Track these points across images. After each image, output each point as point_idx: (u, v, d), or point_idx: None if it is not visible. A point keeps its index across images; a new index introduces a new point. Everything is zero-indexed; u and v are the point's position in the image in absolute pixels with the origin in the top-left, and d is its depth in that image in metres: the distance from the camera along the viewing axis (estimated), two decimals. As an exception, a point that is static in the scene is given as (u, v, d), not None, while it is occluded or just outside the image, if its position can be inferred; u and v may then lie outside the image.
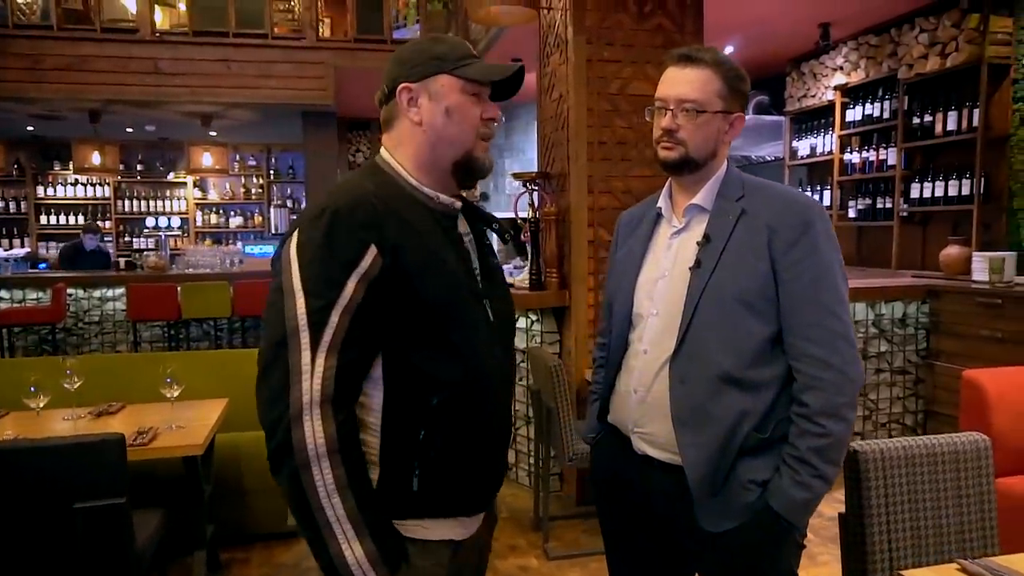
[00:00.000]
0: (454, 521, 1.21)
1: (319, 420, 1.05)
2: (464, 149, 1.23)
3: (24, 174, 9.33)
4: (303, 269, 1.09)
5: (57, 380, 2.58)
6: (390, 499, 1.15)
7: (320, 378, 1.06)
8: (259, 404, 1.11)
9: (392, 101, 1.22)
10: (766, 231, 1.33)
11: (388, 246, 1.11)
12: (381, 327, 1.12)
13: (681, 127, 1.36)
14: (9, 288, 6.59)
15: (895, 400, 4.23)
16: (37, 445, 1.88)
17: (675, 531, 1.40)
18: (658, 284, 1.42)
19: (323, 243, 1.09)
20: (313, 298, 1.08)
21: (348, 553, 1.07)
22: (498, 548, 3.11)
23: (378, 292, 1.10)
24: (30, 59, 5.81)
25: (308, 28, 6.35)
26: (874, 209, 5.24)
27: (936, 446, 1.72)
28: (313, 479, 1.05)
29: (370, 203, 1.13)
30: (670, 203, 1.47)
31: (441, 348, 1.16)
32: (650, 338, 1.40)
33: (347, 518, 1.07)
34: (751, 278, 1.31)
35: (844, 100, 5.46)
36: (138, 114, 7.13)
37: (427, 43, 1.24)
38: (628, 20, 3.45)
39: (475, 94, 1.22)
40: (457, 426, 1.17)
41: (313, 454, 1.05)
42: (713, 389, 1.31)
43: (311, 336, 1.07)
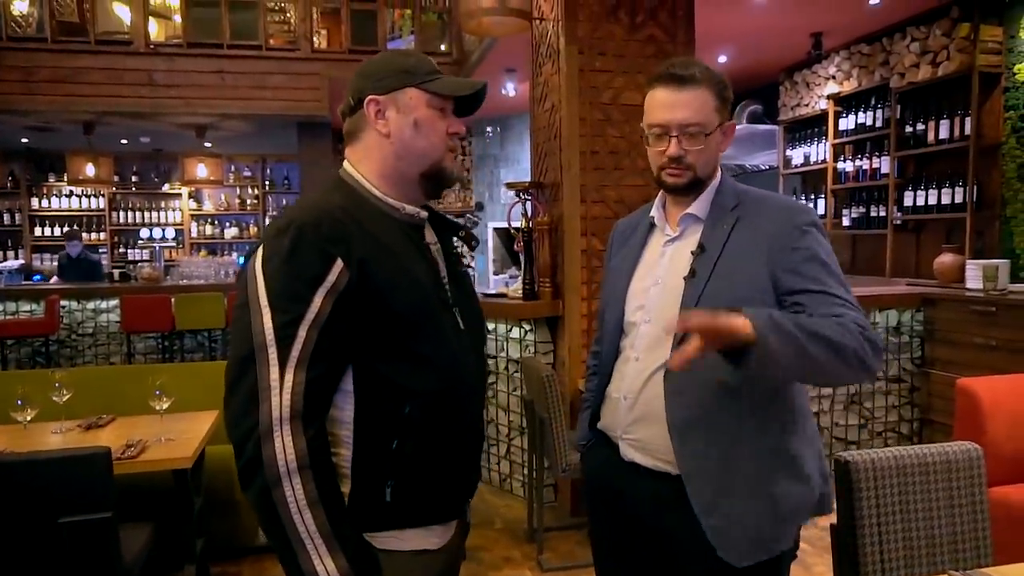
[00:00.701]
0: (427, 530, 1.21)
1: (289, 436, 1.05)
2: (432, 160, 1.23)
3: (18, 186, 9.31)
4: (269, 284, 1.08)
5: (47, 393, 2.56)
6: (363, 511, 1.14)
7: (289, 394, 1.05)
8: (227, 420, 1.10)
9: (358, 113, 1.22)
10: (766, 239, 1.32)
11: (354, 260, 1.11)
12: (350, 340, 1.12)
13: (688, 152, 1.34)
14: (2, 300, 6.56)
15: (891, 409, 4.22)
16: (22, 459, 1.86)
17: (663, 538, 1.38)
18: (650, 292, 1.41)
19: (288, 258, 1.08)
20: (280, 313, 1.07)
21: (320, 569, 1.06)
22: (492, 559, 3.09)
23: (346, 306, 1.10)
24: (23, 71, 5.81)
25: (303, 39, 6.37)
26: (868, 217, 5.25)
27: (928, 456, 1.71)
28: (284, 495, 1.04)
29: (336, 217, 1.13)
30: (663, 212, 1.47)
31: (413, 358, 1.15)
32: (642, 346, 1.39)
33: (319, 533, 1.06)
34: (748, 286, 1.31)
35: (837, 109, 5.48)
36: (132, 125, 7.13)
37: (394, 57, 1.25)
38: (620, 31, 3.46)
39: (441, 108, 1.23)
40: (430, 435, 1.17)
41: (284, 470, 1.04)
42: (710, 400, 1.30)
43: (279, 352, 1.06)
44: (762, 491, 1.31)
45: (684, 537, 1.34)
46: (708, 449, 1.31)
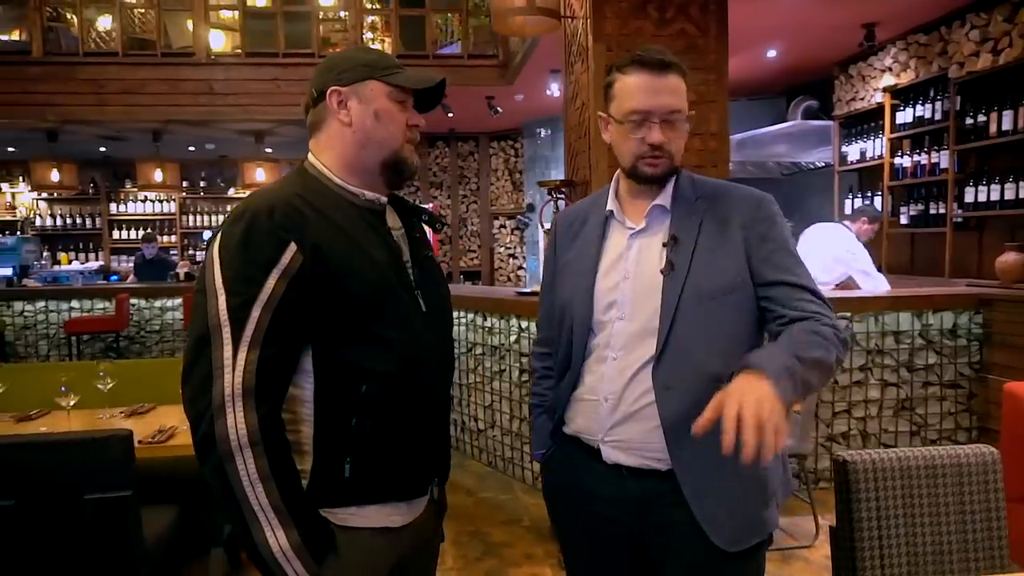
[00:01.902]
0: (389, 507, 1.23)
1: (241, 412, 1.08)
2: (392, 150, 1.26)
3: (98, 192, 9.93)
4: (224, 268, 1.12)
5: (93, 382, 2.74)
6: (323, 487, 1.18)
7: (241, 372, 1.09)
8: (184, 399, 1.14)
9: (321, 104, 1.26)
10: (736, 228, 1.31)
11: (308, 244, 1.14)
12: (307, 322, 1.15)
13: (671, 140, 1.32)
14: (79, 298, 7.01)
15: (946, 415, 4.00)
16: (52, 439, 1.99)
17: (647, 537, 1.35)
18: (621, 288, 1.36)
19: (243, 243, 1.13)
20: (233, 296, 1.11)
21: (272, 541, 1.10)
22: (513, 556, 3.10)
23: (301, 288, 1.14)
24: (96, 84, 6.19)
25: (354, 46, 6.55)
26: (926, 215, 5.00)
27: (936, 458, 1.62)
28: (236, 469, 1.08)
29: (290, 204, 1.16)
30: (619, 204, 1.42)
31: (372, 339, 1.19)
32: (619, 344, 1.34)
33: (271, 507, 1.09)
34: (728, 274, 1.30)
35: (894, 102, 5.25)
36: (195, 133, 7.49)
37: (356, 52, 1.30)
38: (649, 26, 3.42)
39: (401, 101, 1.26)
40: (388, 413, 1.20)
41: (236, 445, 1.08)
42: (704, 394, 1.23)
43: (232, 332, 1.10)
44: (751, 473, 1.27)
45: (672, 532, 1.31)
46: (702, 441, 1.27)
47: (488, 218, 9.58)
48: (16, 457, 1.92)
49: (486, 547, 3.21)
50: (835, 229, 4.66)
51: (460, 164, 9.57)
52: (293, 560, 1.10)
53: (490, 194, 9.58)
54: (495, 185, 9.60)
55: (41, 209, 10.04)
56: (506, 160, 9.61)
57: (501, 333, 4.18)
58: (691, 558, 1.31)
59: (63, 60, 6.22)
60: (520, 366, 4.02)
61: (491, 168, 9.57)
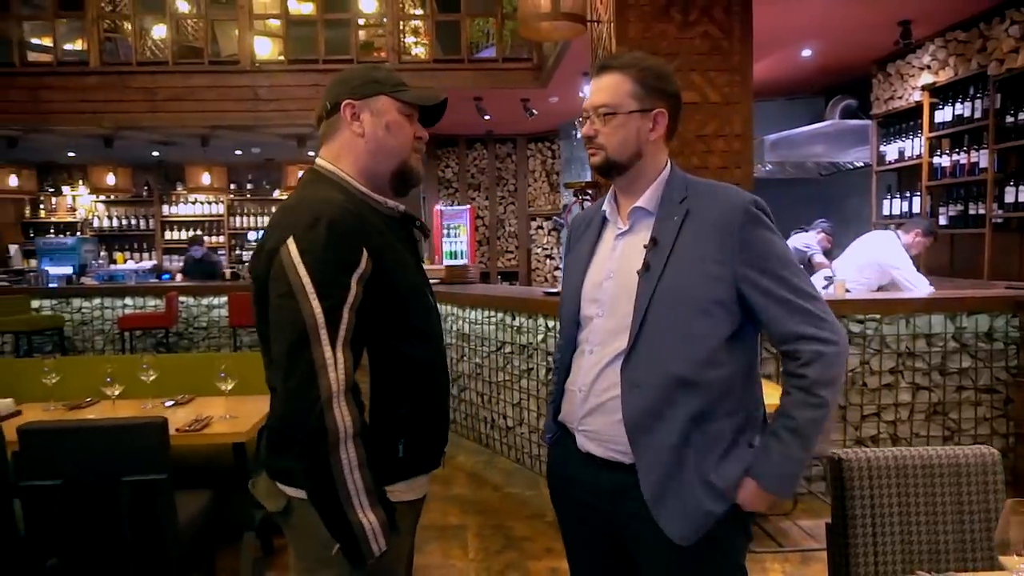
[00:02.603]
0: (418, 480, 1.39)
1: (345, 407, 1.20)
2: (401, 159, 1.39)
3: (152, 194, 10.36)
4: (312, 273, 1.21)
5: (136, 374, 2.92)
6: (380, 468, 1.29)
7: (343, 370, 1.21)
8: (285, 395, 1.22)
9: (335, 116, 1.37)
10: (714, 232, 1.34)
11: (373, 248, 1.27)
12: (371, 320, 1.27)
13: (599, 132, 1.40)
14: (133, 296, 7.36)
15: (981, 421, 3.91)
16: (94, 425, 2.15)
17: (620, 526, 1.42)
18: (603, 286, 1.43)
19: (326, 248, 1.22)
20: (326, 299, 1.20)
21: (365, 521, 1.23)
22: (533, 549, 3.18)
23: (369, 289, 1.26)
24: (148, 92, 6.49)
25: (391, 51, 6.71)
26: (966, 216, 4.89)
27: (933, 458, 1.64)
28: (340, 458, 1.20)
29: (351, 211, 1.28)
30: (615, 206, 1.49)
31: (415, 333, 1.35)
32: (595, 339, 1.42)
33: (365, 491, 1.22)
34: (704, 281, 1.32)
35: (932, 100, 5.14)
36: (241, 137, 7.77)
37: (366, 70, 1.41)
38: (672, 29, 3.46)
39: (408, 115, 1.39)
40: (429, 395, 1.38)
41: (343, 436, 1.20)
42: (667, 393, 1.32)
43: (329, 334, 1.20)
44: (709, 475, 1.33)
45: (639, 525, 1.37)
46: (661, 440, 1.33)
47: (525, 219, 9.66)
48: (61, 441, 2.09)
49: (508, 540, 3.29)
50: (884, 237, 4.62)
51: (498, 166, 9.68)
52: (379, 535, 1.24)
53: (527, 195, 9.66)
54: (532, 186, 9.68)
55: (99, 211, 10.53)
56: (543, 161, 9.68)
57: (529, 332, 4.26)
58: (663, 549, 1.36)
59: (118, 69, 6.54)
60: (547, 364, 4.09)
61: (528, 169, 9.65)
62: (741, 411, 1.37)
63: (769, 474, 1.32)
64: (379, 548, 1.24)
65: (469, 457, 4.64)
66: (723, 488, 1.33)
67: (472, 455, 4.66)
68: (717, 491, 1.33)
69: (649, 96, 1.40)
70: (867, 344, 3.79)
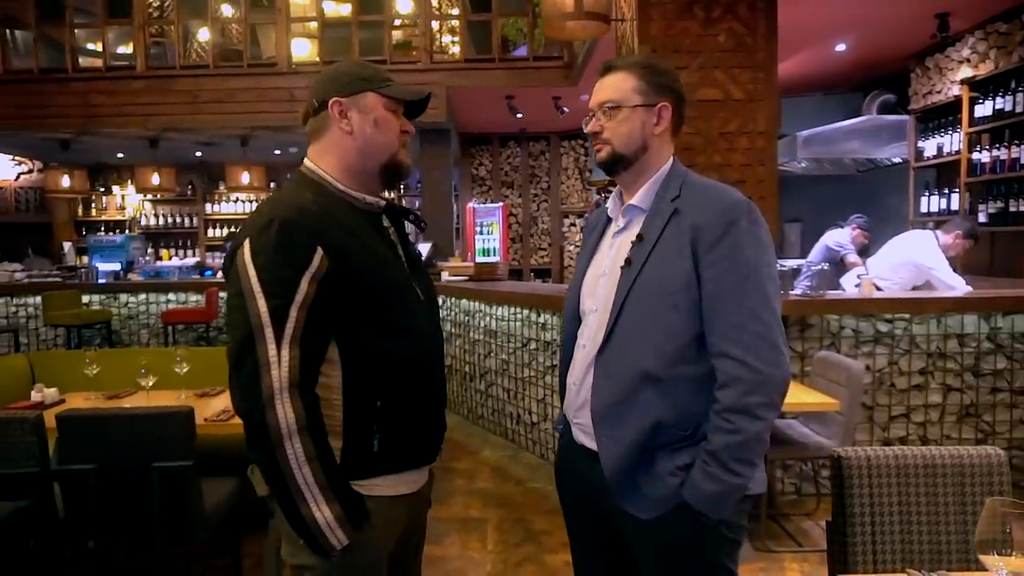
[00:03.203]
0: (407, 475, 1.39)
1: (288, 402, 1.21)
2: (390, 153, 1.40)
3: (195, 193, 10.69)
4: (261, 273, 1.24)
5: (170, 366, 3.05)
6: (354, 462, 1.32)
7: (287, 367, 1.22)
8: (233, 394, 1.27)
9: (322, 113, 1.38)
10: (691, 231, 1.35)
11: (332, 246, 1.27)
12: (335, 317, 1.28)
13: (604, 127, 1.44)
14: (176, 292, 7.62)
15: (1017, 424, 3.81)
16: (125, 413, 2.27)
17: (611, 516, 1.45)
18: (599, 282, 1.48)
19: (276, 248, 1.24)
20: (273, 298, 1.23)
21: (318, 515, 1.23)
22: (551, 543, 3.22)
23: (329, 288, 1.26)
24: (189, 94, 6.72)
25: (423, 52, 6.80)
26: (1007, 213, 4.74)
27: (936, 457, 1.63)
28: (286, 453, 1.21)
29: (311, 211, 1.29)
30: (618, 203, 1.53)
31: (393, 328, 1.33)
32: (588, 334, 1.47)
33: (316, 485, 1.22)
34: (675, 277, 1.34)
35: (972, 94, 5.00)
36: (279, 138, 7.96)
37: (352, 67, 1.43)
38: (696, 27, 3.45)
39: (394, 111, 1.40)
40: (407, 392, 1.35)
41: (286, 431, 1.20)
42: (633, 386, 1.35)
43: (275, 331, 1.22)
44: (673, 467, 1.35)
45: (625, 516, 1.40)
46: (622, 433, 1.36)
47: (558, 216, 9.68)
48: (95, 428, 2.21)
49: (527, 534, 3.34)
50: (921, 237, 4.52)
51: (531, 164, 9.71)
52: (336, 530, 1.24)
53: (560, 193, 9.68)
54: (565, 184, 9.69)
55: (146, 210, 10.91)
56: (576, 159, 9.68)
57: (554, 329, 4.29)
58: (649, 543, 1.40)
59: (162, 73, 6.78)
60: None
61: (561, 167, 9.66)
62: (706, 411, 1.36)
63: (695, 494, 1.32)
64: (339, 542, 1.24)
65: (495, 452, 4.70)
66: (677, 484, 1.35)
67: (498, 450, 4.72)
68: (672, 487, 1.35)
69: (653, 91, 1.44)
70: (896, 344, 3.73)
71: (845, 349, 3.71)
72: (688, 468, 1.35)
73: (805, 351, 3.70)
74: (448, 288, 5.73)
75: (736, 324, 1.31)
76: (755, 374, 1.29)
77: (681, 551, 1.38)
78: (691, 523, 1.34)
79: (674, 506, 1.35)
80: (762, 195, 3.49)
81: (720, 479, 1.30)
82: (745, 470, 1.31)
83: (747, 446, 1.30)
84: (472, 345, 5.39)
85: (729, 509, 1.35)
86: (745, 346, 1.30)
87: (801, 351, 3.71)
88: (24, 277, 7.22)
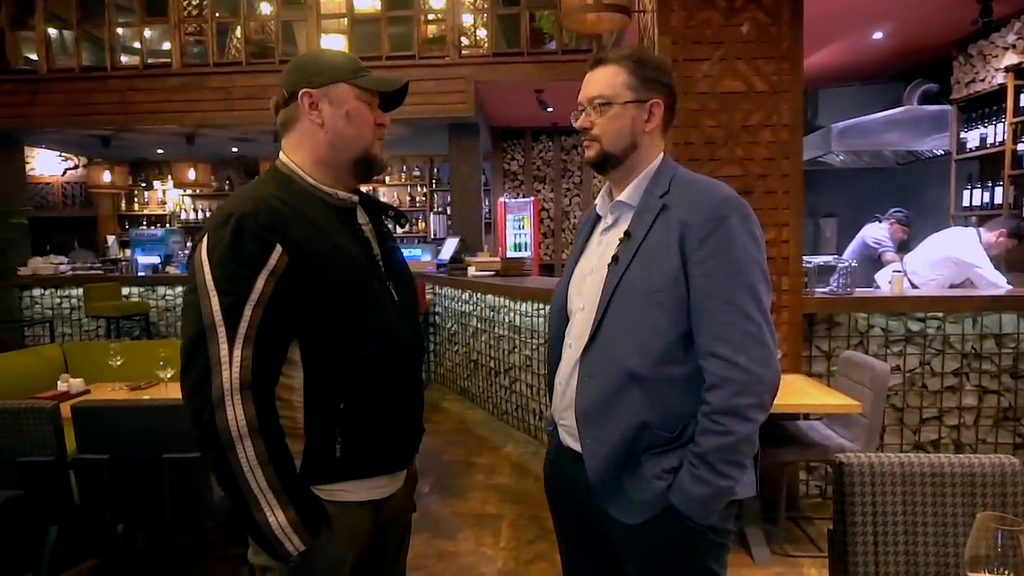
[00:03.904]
0: (374, 481, 1.34)
1: (240, 404, 1.17)
2: (362, 147, 1.35)
3: (233, 188, 10.91)
4: (215, 270, 1.20)
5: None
6: (316, 466, 1.28)
7: (238, 367, 1.17)
8: (183, 393, 1.22)
9: (292, 105, 1.33)
10: (679, 227, 1.30)
11: (292, 243, 1.22)
12: (295, 316, 1.24)
13: (594, 124, 1.40)
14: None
15: (1058, 428, 3.64)
16: (137, 405, 2.32)
17: (598, 520, 1.42)
18: (587, 280, 1.44)
19: (231, 245, 1.20)
20: (226, 296, 1.19)
21: (272, 519, 1.18)
22: (564, 542, 3.19)
23: (288, 285, 1.21)
24: (224, 91, 6.85)
25: (451, 47, 6.80)
26: (1053, 207, 4.53)
27: (945, 466, 1.56)
28: (238, 456, 1.16)
29: (272, 205, 1.24)
30: (607, 200, 1.49)
31: (356, 329, 1.27)
32: (574, 332, 1.43)
33: (270, 489, 1.18)
34: (661, 275, 1.30)
35: (1018, 83, 4.77)
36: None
37: (324, 55, 1.38)
38: (717, 16, 3.36)
39: (368, 102, 1.35)
40: (372, 395, 1.29)
41: (236, 434, 1.16)
42: (617, 387, 1.32)
43: (227, 330, 1.18)
44: (659, 471, 1.32)
45: (611, 519, 1.37)
46: (608, 435, 1.33)
47: (589, 211, 9.60)
48: (107, 419, 2.26)
49: (541, 531, 3.32)
50: (962, 234, 4.35)
51: (563, 158, 9.65)
52: (291, 535, 1.20)
53: (592, 187, 9.59)
54: (597, 178, 9.59)
55: (185, 204, 11.18)
56: (608, 153, 9.57)
57: (573, 325, 4.25)
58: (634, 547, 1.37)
59: (196, 71, 6.92)
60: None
61: (592, 161, 9.57)
62: (692, 413, 1.31)
63: (683, 498, 1.28)
64: (294, 548, 1.20)
65: (517, 447, 4.69)
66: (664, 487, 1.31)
67: (520, 446, 4.71)
68: (658, 491, 1.31)
69: (645, 87, 1.39)
70: (928, 344, 3.59)
71: (874, 348, 3.58)
72: (675, 471, 1.31)
73: (832, 350, 3.60)
74: (475, 283, 5.72)
75: (726, 323, 1.26)
76: (746, 374, 1.24)
77: (668, 556, 1.34)
78: (678, 527, 1.30)
79: (661, 510, 1.31)
80: (786, 190, 3.39)
81: (709, 482, 1.26)
82: (734, 472, 1.27)
83: (737, 448, 1.26)
84: (497, 340, 5.38)
85: (717, 513, 1.31)
86: (735, 345, 1.25)
87: (827, 350, 3.60)
88: (68, 270, 7.47)
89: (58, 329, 7.19)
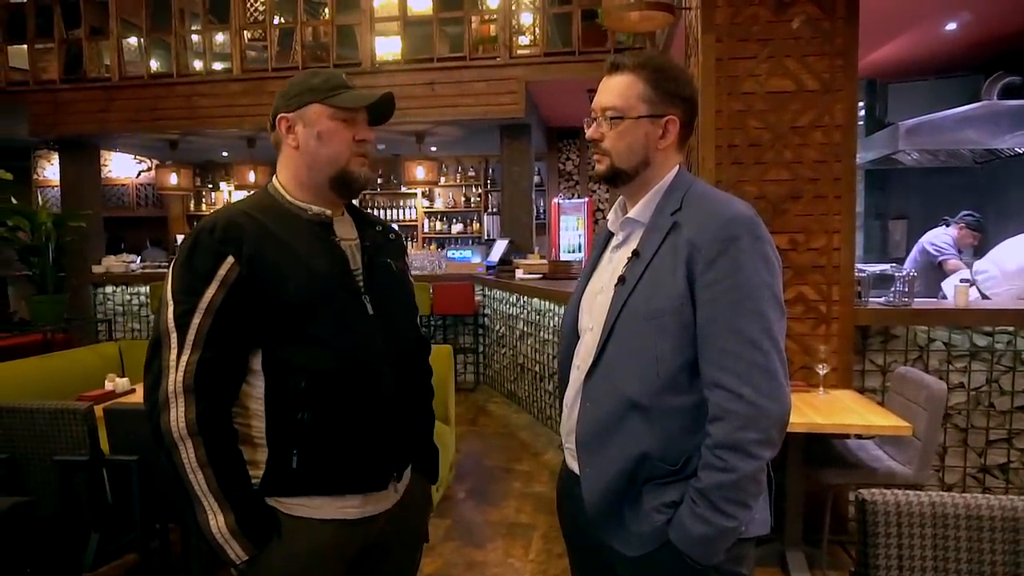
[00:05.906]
0: (342, 500, 1.32)
1: (182, 407, 1.22)
2: (338, 167, 1.36)
3: (295, 189, 11.20)
4: (174, 282, 1.28)
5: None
6: (275, 478, 1.29)
7: (183, 372, 1.23)
8: (143, 395, 1.30)
9: (276, 129, 1.39)
10: (687, 247, 1.23)
11: (245, 256, 1.26)
12: (249, 326, 1.28)
13: (605, 136, 1.33)
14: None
15: None
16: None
17: (601, 549, 1.36)
18: (597, 299, 1.38)
19: (187, 258, 1.28)
20: (178, 305, 1.26)
21: (212, 523, 1.23)
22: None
23: (240, 295, 1.26)
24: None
25: (502, 47, 6.76)
26: None
27: (983, 508, 1.42)
28: (180, 457, 1.23)
29: (232, 220, 1.29)
30: (619, 216, 1.42)
31: (308, 340, 1.29)
32: (582, 353, 1.38)
33: (210, 491, 1.22)
34: (666, 298, 1.23)
35: (1110, 75, 4.37)
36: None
37: (305, 77, 1.39)
38: (764, 12, 3.19)
39: (345, 120, 1.34)
40: (328, 409, 1.29)
41: (177, 436, 1.22)
42: (617, 415, 1.26)
43: (178, 337, 1.25)
44: (659, 504, 1.24)
45: (612, 549, 1.31)
46: (607, 464, 1.27)
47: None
48: (135, 421, 2.32)
49: (572, 544, 3.24)
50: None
51: (619, 157, 9.48)
52: (231, 541, 1.23)
53: (648, 187, 9.39)
54: (653, 178, 9.39)
55: (251, 204, 11.53)
56: (665, 152, 9.35)
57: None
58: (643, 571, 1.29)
59: (255, 76, 7.11)
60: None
61: (649, 161, 9.37)
62: (695, 444, 1.24)
63: (681, 535, 1.21)
64: (235, 555, 1.22)
65: (557, 454, 4.62)
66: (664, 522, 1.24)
67: (561, 453, 4.64)
68: (658, 524, 1.24)
69: (661, 100, 1.31)
70: (996, 360, 3.33)
71: (935, 364, 3.35)
72: (676, 505, 1.24)
73: (887, 364, 3.38)
74: (521, 287, 5.68)
75: (731, 352, 1.18)
76: (750, 408, 1.16)
77: None
78: (680, 564, 1.23)
79: (661, 544, 1.24)
80: (838, 194, 3.19)
81: (709, 521, 1.18)
82: (737, 512, 1.18)
83: (740, 486, 1.17)
84: (542, 345, 5.33)
85: (720, 554, 1.22)
86: (740, 376, 1.17)
87: (883, 364, 3.39)
88: (139, 268, 7.81)
89: (128, 326, 7.52)
